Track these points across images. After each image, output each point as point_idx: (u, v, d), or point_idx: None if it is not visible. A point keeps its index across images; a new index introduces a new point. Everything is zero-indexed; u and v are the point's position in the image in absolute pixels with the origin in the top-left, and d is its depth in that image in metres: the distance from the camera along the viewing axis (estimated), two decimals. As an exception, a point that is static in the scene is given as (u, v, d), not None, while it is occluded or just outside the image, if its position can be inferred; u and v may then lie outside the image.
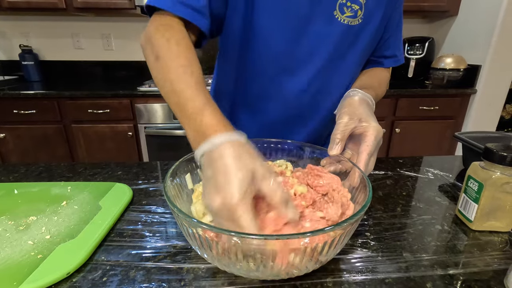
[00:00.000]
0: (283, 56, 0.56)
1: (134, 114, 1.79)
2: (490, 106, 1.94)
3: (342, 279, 0.35)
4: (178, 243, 0.41)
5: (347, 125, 0.45)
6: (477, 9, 1.89)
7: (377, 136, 0.45)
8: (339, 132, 0.45)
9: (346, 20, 0.55)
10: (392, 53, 0.68)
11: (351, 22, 0.55)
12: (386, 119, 1.94)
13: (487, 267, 0.38)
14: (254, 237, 0.28)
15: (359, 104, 0.48)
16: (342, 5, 0.54)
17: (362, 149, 0.44)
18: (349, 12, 0.54)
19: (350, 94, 0.52)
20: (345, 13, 0.54)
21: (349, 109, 0.47)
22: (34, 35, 2.16)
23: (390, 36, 0.66)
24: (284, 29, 0.54)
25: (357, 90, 0.52)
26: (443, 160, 0.73)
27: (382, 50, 0.67)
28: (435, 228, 0.46)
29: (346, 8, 0.54)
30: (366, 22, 0.57)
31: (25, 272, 0.34)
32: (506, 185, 0.41)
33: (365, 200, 0.34)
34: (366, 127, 0.45)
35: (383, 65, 0.69)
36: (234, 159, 0.30)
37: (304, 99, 0.62)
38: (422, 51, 2.10)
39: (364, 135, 0.45)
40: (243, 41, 0.56)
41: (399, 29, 0.67)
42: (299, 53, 0.56)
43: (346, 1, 0.54)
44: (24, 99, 1.71)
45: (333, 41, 0.56)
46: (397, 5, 0.62)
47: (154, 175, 0.63)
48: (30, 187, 0.55)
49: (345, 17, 0.54)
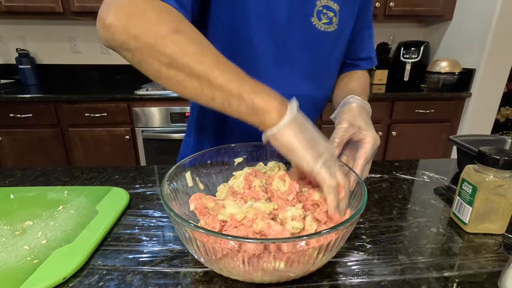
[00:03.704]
0: (268, 63, 0.57)
1: (131, 117, 1.79)
2: (485, 109, 1.96)
3: (338, 282, 0.36)
4: (175, 247, 0.41)
5: (346, 131, 0.46)
6: (471, 13, 1.92)
7: (374, 144, 0.46)
8: (338, 137, 0.46)
9: (323, 27, 0.57)
10: (367, 55, 0.71)
11: (327, 29, 0.57)
12: (382, 122, 1.95)
13: (481, 269, 0.38)
14: (251, 241, 0.29)
15: (359, 112, 0.49)
16: (319, 12, 0.55)
17: (359, 155, 0.45)
18: (325, 19, 0.56)
19: (349, 101, 0.52)
20: (322, 20, 0.56)
21: (349, 115, 0.48)
22: (31, 39, 2.15)
23: (364, 39, 0.69)
24: (267, 37, 0.55)
25: (356, 97, 0.53)
26: (439, 163, 0.73)
27: (358, 53, 0.70)
28: (430, 230, 0.46)
29: (322, 15, 0.56)
30: (341, 28, 0.59)
31: (21, 277, 0.34)
32: (500, 187, 0.41)
33: (361, 203, 0.35)
34: (365, 135, 0.46)
35: (360, 68, 0.71)
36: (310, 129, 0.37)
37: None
38: (418, 55, 2.12)
39: (362, 142, 0.46)
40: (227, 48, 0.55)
41: (371, 31, 0.70)
42: (283, 59, 0.58)
43: (322, 9, 0.56)
44: (20, 103, 1.71)
45: (313, 47, 0.58)
46: (368, 7, 0.65)
47: (151, 179, 0.63)
48: (26, 192, 0.54)
49: (322, 24, 0.56)
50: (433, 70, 1.97)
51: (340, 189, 0.35)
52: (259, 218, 0.34)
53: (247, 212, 0.34)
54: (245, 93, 0.36)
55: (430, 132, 1.99)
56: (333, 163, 0.36)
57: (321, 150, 0.36)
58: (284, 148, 0.36)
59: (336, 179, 0.35)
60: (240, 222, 0.34)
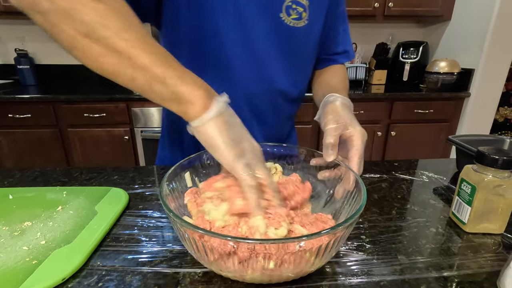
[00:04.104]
0: (238, 59, 0.57)
1: (131, 118, 1.79)
2: (484, 109, 1.97)
3: (337, 282, 0.36)
4: (174, 248, 0.41)
5: (336, 130, 0.46)
6: (469, 14, 1.92)
7: (363, 139, 0.46)
8: (331, 137, 0.46)
9: (292, 23, 0.57)
10: (343, 49, 0.71)
11: (296, 24, 0.57)
12: (381, 122, 1.95)
13: (480, 269, 0.38)
14: (250, 242, 0.29)
15: (342, 109, 0.50)
16: (288, 7, 0.55)
17: (352, 154, 0.45)
18: (294, 14, 0.56)
19: (330, 100, 0.52)
20: (291, 15, 0.56)
21: (334, 115, 0.48)
22: (29, 39, 2.15)
23: (338, 33, 0.69)
24: (235, 32, 0.54)
25: (335, 94, 0.53)
26: (438, 163, 0.73)
27: (333, 48, 0.70)
28: (429, 230, 0.46)
29: (292, 11, 0.56)
30: (311, 23, 0.59)
31: (20, 278, 0.34)
32: (498, 187, 0.41)
33: (360, 203, 0.35)
34: (352, 132, 0.46)
35: (337, 62, 0.72)
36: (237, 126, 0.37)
37: (263, 99, 0.63)
38: (417, 55, 2.12)
39: (351, 140, 0.46)
40: (194, 42, 0.55)
41: (346, 25, 0.70)
42: (253, 55, 0.57)
43: (291, 4, 0.55)
44: (19, 103, 1.71)
45: (282, 42, 0.58)
46: (339, 2, 0.65)
47: (150, 179, 0.63)
48: (25, 192, 0.54)
49: (291, 19, 0.56)
50: (432, 70, 1.98)
51: (263, 188, 0.35)
52: (242, 222, 0.34)
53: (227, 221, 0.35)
54: (169, 78, 0.34)
55: (429, 132, 2.00)
56: (256, 163, 0.36)
57: (245, 149, 0.36)
58: (206, 143, 0.35)
59: (256, 179, 0.35)
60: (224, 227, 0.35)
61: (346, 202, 0.42)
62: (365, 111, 1.89)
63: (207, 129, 0.34)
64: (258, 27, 0.55)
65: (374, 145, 2.01)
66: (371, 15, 2.00)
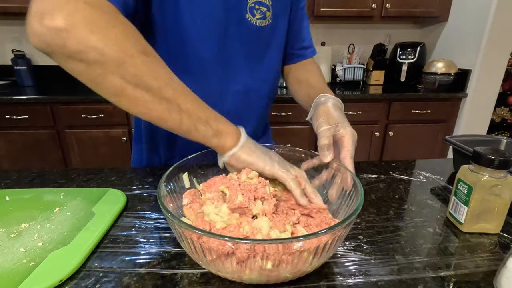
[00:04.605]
0: (210, 59, 0.59)
1: (128, 119, 1.78)
2: (481, 110, 1.98)
3: (335, 282, 0.36)
4: (172, 249, 0.41)
5: (329, 131, 0.48)
6: (466, 15, 1.93)
7: (353, 140, 0.47)
8: (325, 139, 0.47)
9: (258, 22, 0.59)
10: (309, 43, 0.74)
11: (262, 23, 0.60)
12: (379, 122, 1.96)
13: (477, 268, 0.38)
14: (248, 242, 0.29)
15: (333, 110, 0.51)
16: (252, 8, 0.58)
17: (344, 155, 0.46)
18: (258, 14, 0.59)
19: (322, 101, 0.54)
20: (255, 15, 0.59)
21: (326, 117, 0.50)
22: (27, 40, 2.14)
23: (302, 28, 0.72)
24: (206, 36, 0.56)
25: (326, 95, 0.55)
26: (435, 163, 0.74)
27: (300, 42, 0.73)
28: (427, 230, 0.46)
29: (255, 11, 0.58)
30: (275, 21, 0.62)
31: (17, 280, 0.34)
32: (495, 187, 0.42)
33: (357, 204, 0.35)
34: (342, 133, 0.47)
35: (305, 57, 0.74)
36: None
37: (238, 99, 0.65)
38: (414, 55, 2.13)
39: (342, 141, 0.47)
40: (172, 44, 0.57)
41: (307, 22, 0.73)
42: (224, 55, 0.59)
43: (254, 5, 0.58)
44: (16, 104, 1.70)
45: (250, 41, 0.61)
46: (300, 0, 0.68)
47: (148, 180, 0.62)
48: (22, 194, 0.54)
49: (256, 19, 0.59)
50: (429, 71, 1.98)
51: (298, 180, 0.42)
52: (245, 222, 0.35)
53: (229, 220, 0.35)
54: (211, 119, 0.40)
55: (426, 133, 2.00)
56: (285, 164, 0.44)
57: (273, 158, 0.43)
58: (245, 163, 0.41)
59: (293, 173, 0.42)
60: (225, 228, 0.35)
61: (343, 202, 0.42)
62: (363, 112, 1.90)
63: (242, 154, 0.41)
64: (227, 29, 0.57)
65: (372, 146, 2.01)
66: (369, 16, 2.01)
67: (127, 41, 0.36)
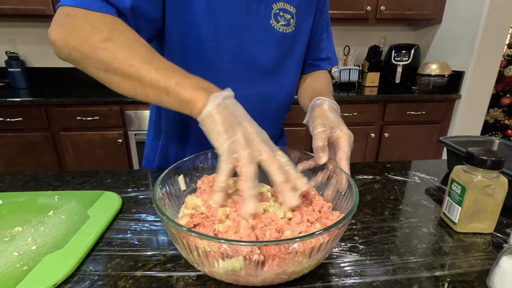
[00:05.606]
0: (229, 65, 0.59)
1: (124, 121, 1.77)
2: (474, 111, 2.00)
3: (331, 283, 0.36)
4: (168, 252, 0.41)
5: (324, 133, 0.48)
6: (459, 17, 1.96)
7: (349, 141, 0.47)
8: (320, 141, 0.47)
9: (281, 28, 0.60)
10: (326, 55, 0.74)
11: (285, 30, 0.61)
12: (375, 123, 1.97)
13: (471, 268, 0.39)
14: (243, 244, 0.29)
15: (329, 112, 0.52)
16: (276, 14, 0.59)
17: (340, 156, 0.46)
18: (282, 21, 0.60)
19: (317, 103, 0.54)
20: (279, 22, 0.59)
21: (321, 119, 0.50)
22: (21, 42, 2.12)
23: (322, 40, 0.72)
24: (229, 40, 0.57)
25: (322, 98, 0.55)
26: (429, 164, 0.74)
27: (317, 53, 0.73)
28: (421, 231, 0.47)
29: (280, 18, 0.59)
30: (298, 29, 0.63)
31: (10, 284, 0.33)
32: (487, 187, 0.42)
33: (352, 205, 0.35)
34: (339, 134, 0.48)
35: (320, 68, 0.75)
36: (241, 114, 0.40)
37: (254, 105, 0.64)
38: (408, 57, 2.15)
39: (338, 142, 0.47)
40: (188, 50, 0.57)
41: (329, 32, 0.73)
42: (244, 61, 0.60)
43: (279, 11, 0.59)
44: (10, 107, 1.68)
45: (272, 48, 0.61)
46: (323, 9, 0.68)
47: (144, 183, 0.62)
48: (15, 197, 0.53)
49: (280, 26, 0.60)
50: (424, 72, 2.01)
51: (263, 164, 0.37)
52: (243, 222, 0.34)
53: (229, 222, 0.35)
54: (171, 88, 0.39)
55: (421, 134, 2.02)
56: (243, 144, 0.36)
57: (236, 133, 0.36)
58: (206, 133, 0.39)
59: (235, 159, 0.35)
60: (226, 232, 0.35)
61: (338, 203, 0.42)
62: (359, 113, 1.91)
63: (206, 123, 0.38)
64: (250, 34, 0.57)
65: (368, 147, 2.02)
66: (364, 18, 2.03)
67: (93, 33, 0.41)
